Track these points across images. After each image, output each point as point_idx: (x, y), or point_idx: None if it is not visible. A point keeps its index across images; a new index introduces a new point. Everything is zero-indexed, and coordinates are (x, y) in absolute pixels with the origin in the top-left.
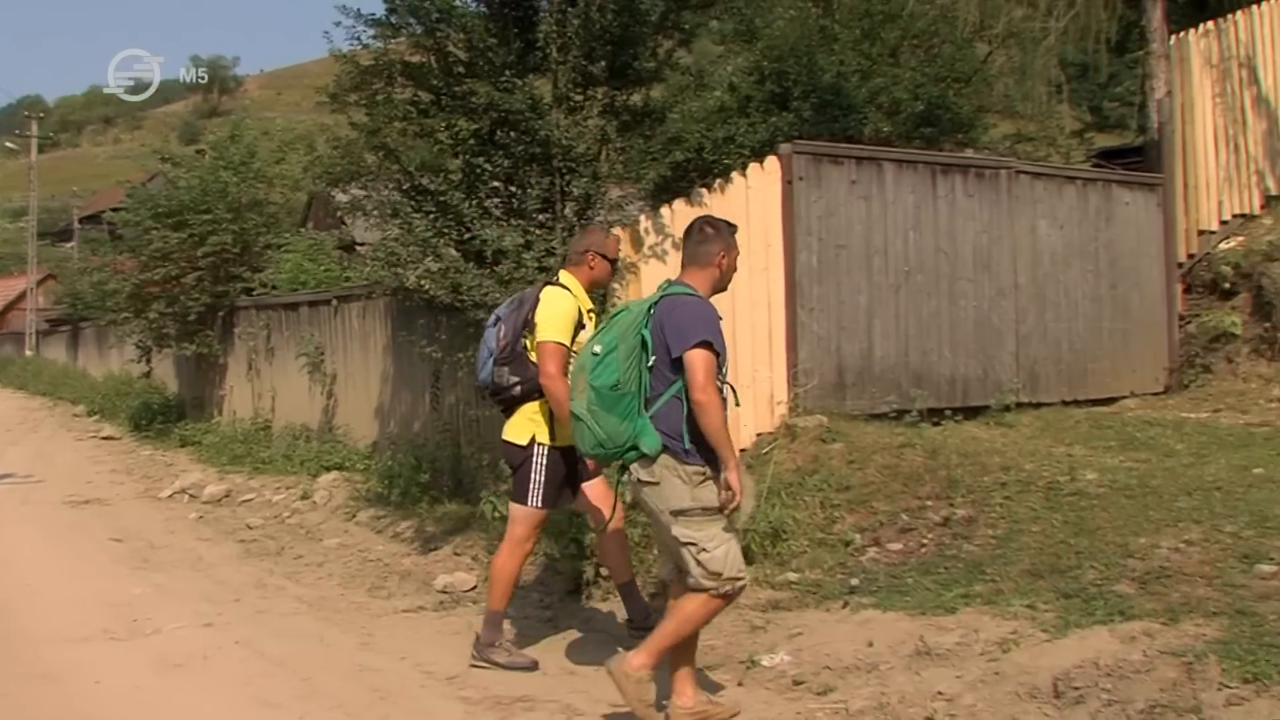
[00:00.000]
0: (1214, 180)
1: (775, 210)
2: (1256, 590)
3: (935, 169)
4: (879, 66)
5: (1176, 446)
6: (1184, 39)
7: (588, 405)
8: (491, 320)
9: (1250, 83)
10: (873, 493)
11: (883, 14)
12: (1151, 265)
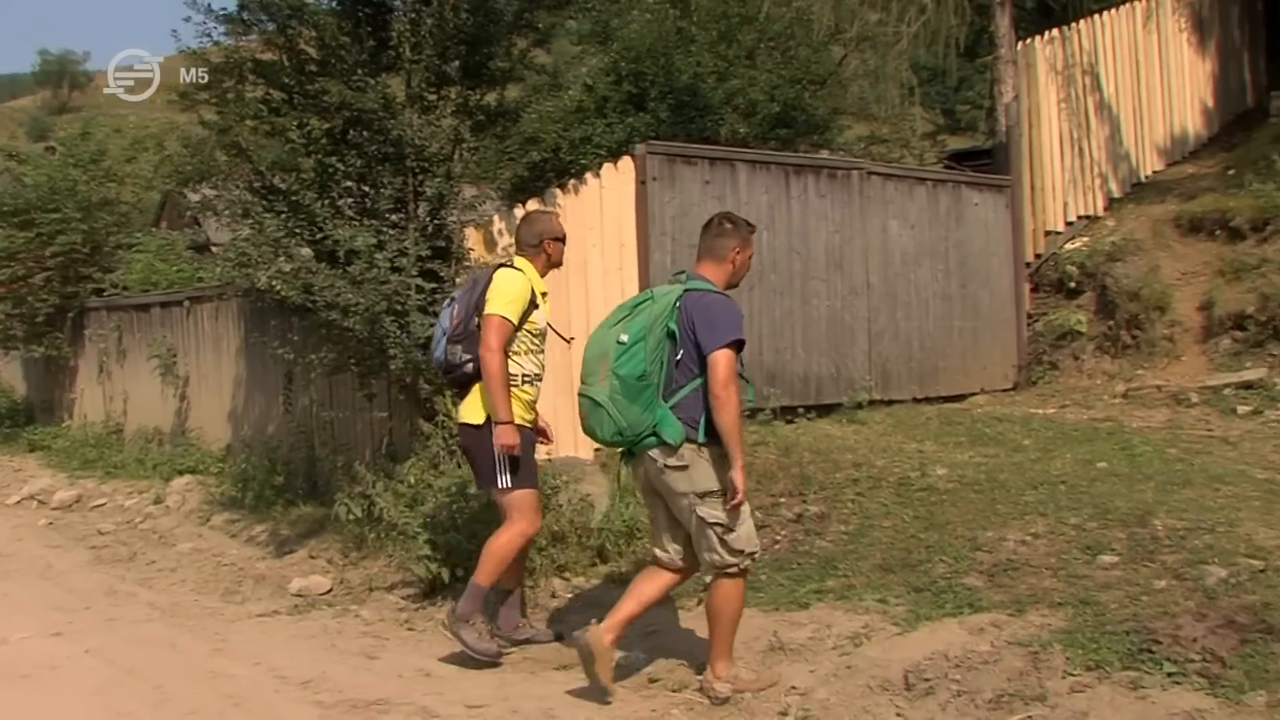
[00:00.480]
0: (1060, 182)
1: (629, 210)
2: (1099, 580)
3: (788, 170)
4: (736, 68)
5: (1024, 442)
6: (1030, 45)
7: (610, 394)
8: (447, 301)
9: (1093, 89)
10: None
11: (740, 16)
12: (1000, 265)
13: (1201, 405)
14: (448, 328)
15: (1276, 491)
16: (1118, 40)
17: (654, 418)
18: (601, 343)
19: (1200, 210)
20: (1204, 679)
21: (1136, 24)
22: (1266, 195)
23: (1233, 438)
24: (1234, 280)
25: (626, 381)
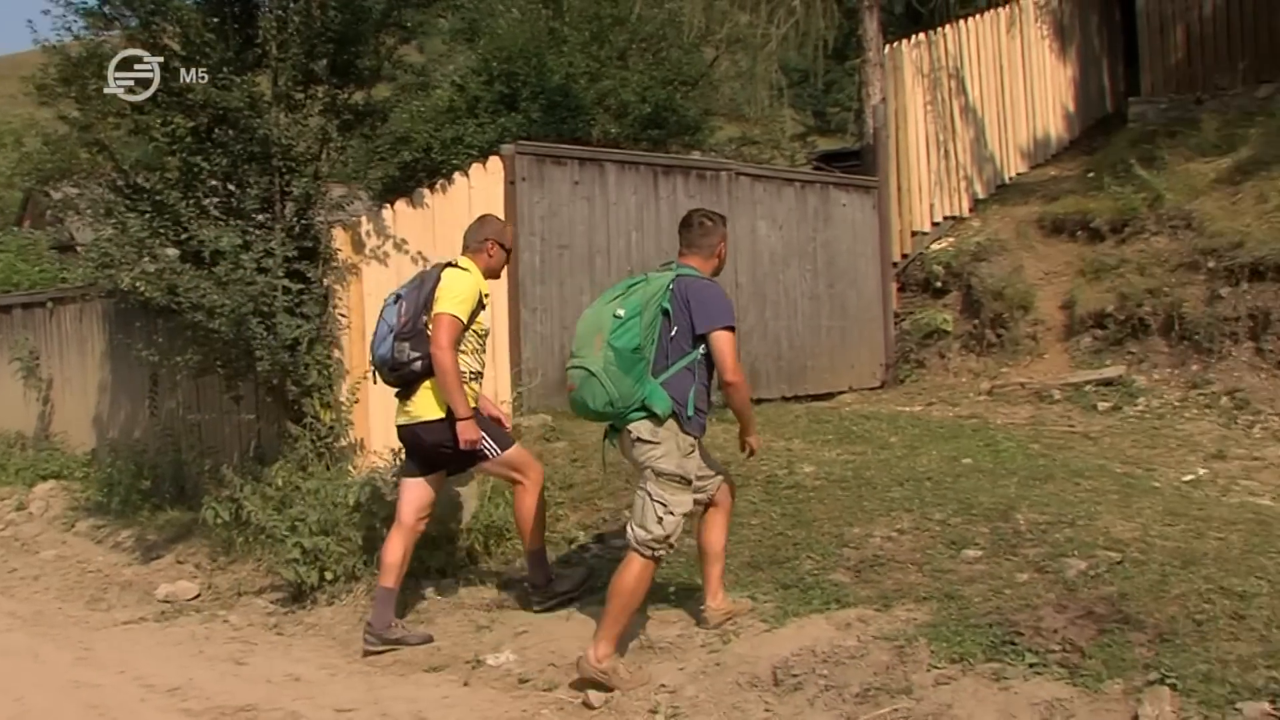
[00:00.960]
0: (926, 184)
1: (498, 211)
2: (963, 574)
3: (657, 170)
4: (608, 69)
5: (891, 439)
6: (898, 49)
7: (604, 365)
8: (391, 298)
9: (959, 92)
10: (596, 490)
11: (611, 17)
12: (868, 265)
13: (1064, 402)
14: (394, 325)
15: (1134, 485)
16: (982, 45)
17: (644, 391)
18: (596, 318)
19: (1062, 212)
20: (1064, 669)
21: (1000, 30)
22: (1125, 197)
23: (1093, 433)
24: (1094, 280)
25: (621, 353)
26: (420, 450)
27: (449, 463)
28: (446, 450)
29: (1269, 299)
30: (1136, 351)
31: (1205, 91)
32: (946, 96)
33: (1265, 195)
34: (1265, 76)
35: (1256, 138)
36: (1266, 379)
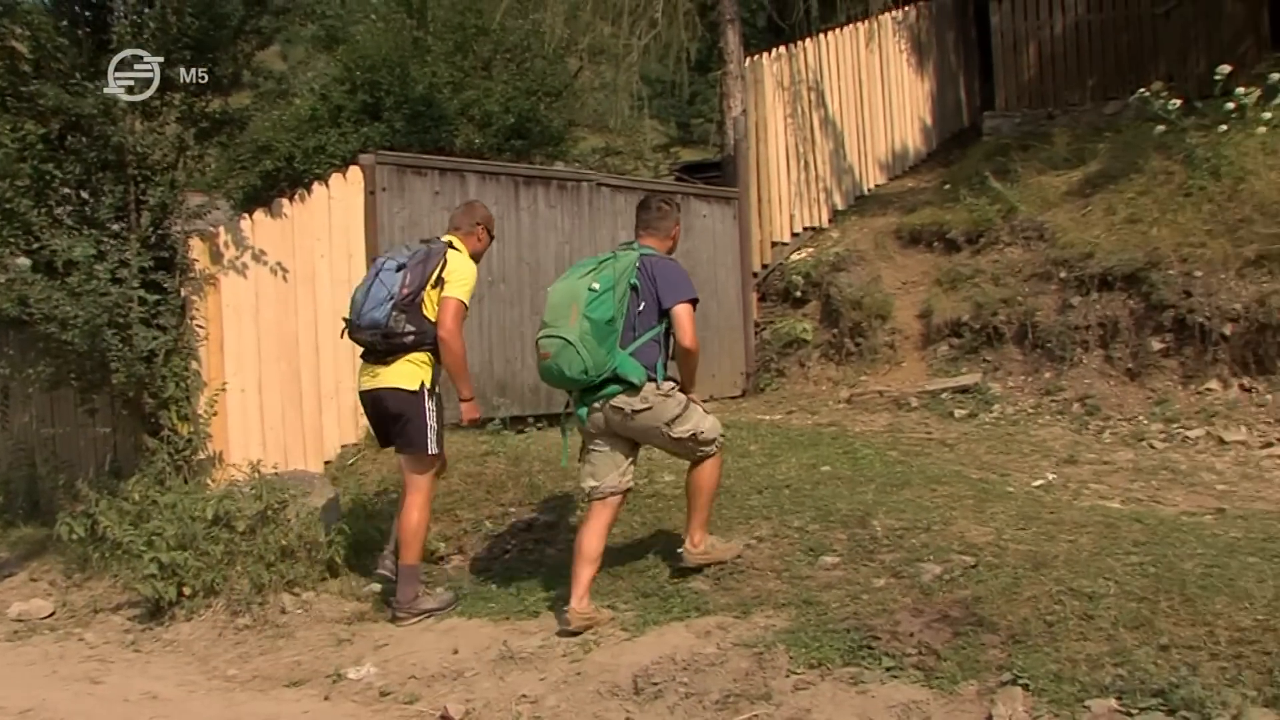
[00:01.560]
0: (786, 195)
1: (358, 221)
2: (820, 581)
3: (518, 180)
4: (471, 79)
5: (751, 447)
6: (758, 62)
7: (580, 334)
8: (393, 265)
9: (819, 105)
10: (457, 501)
11: (476, 28)
12: (729, 275)
13: (921, 409)
14: (395, 294)
15: (989, 491)
16: (842, 59)
17: (615, 361)
18: (571, 291)
19: (919, 223)
20: (920, 671)
21: (860, 44)
22: (979, 209)
23: (950, 440)
24: (950, 289)
25: (597, 324)
26: (379, 416)
27: (398, 438)
28: (402, 421)
29: (1117, 308)
30: (991, 359)
31: (1056, 107)
32: (807, 109)
33: (1114, 208)
34: (1113, 93)
35: (1105, 152)
36: (1116, 385)
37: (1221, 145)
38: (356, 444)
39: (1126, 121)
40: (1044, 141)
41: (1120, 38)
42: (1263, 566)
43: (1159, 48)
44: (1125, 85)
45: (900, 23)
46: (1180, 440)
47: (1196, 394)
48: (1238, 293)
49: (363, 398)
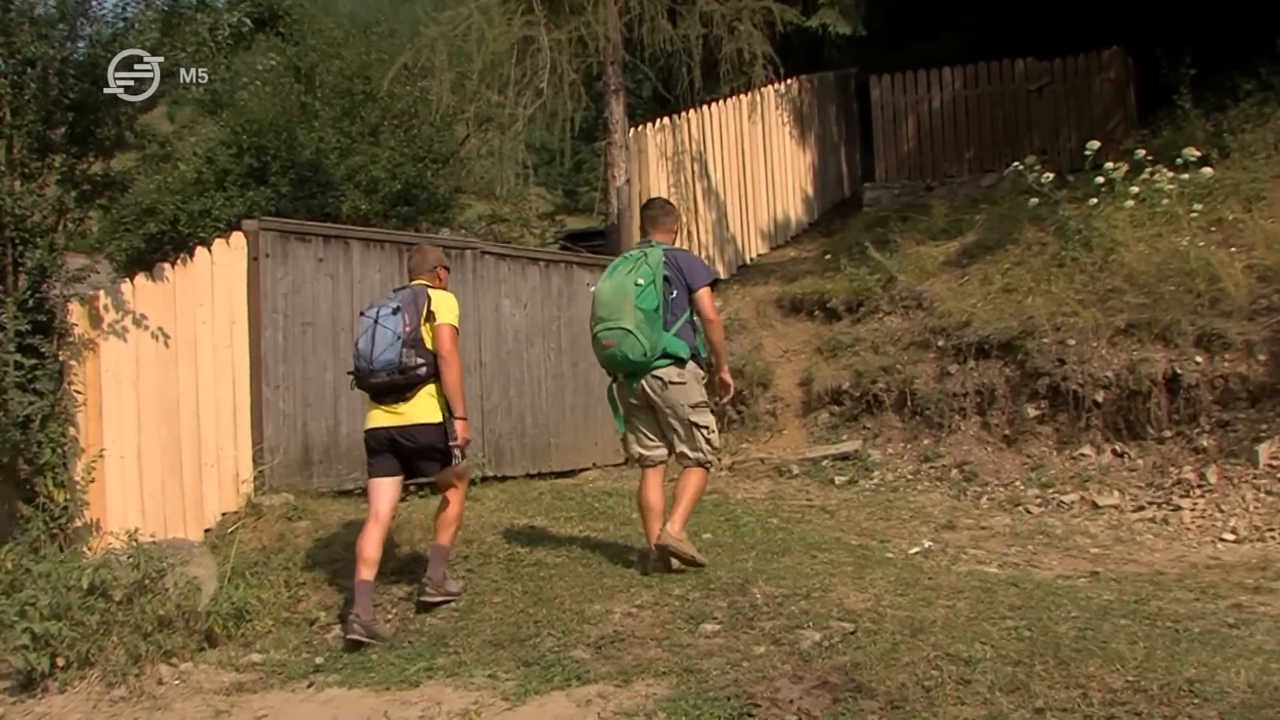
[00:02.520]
0: None
1: (241, 287)
2: (701, 648)
3: (402, 248)
4: (359, 145)
5: (633, 515)
6: (642, 132)
7: (636, 324)
8: (389, 310)
9: (702, 175)
10: (338, 570)
11: (364, 94)
12: None
13: (802, 476)
14: (402, 333)
15: (868, 557)
16: (725, 130)
17: (664, 341)
18: (620, 287)
19: (801, 292)
20: None
21: (743, 116)
22: (859, 278)
23: (830, 506)
24: (831, 358)
25: (647, 313)
26: (408, 451)
27: (428, 465)
28: (436, 452)
29: (994, 375)
30: (871, 427)
31: (935, 179)
32: (690, 179)
33: (990, 278)
34: (989, 166)
35: (981, 223)
36: (993, 452)
37: (1092, 218)
38: (237, 512)
39: (1002, 194)
40: (923, 212)
41: (996, 113)
42: (1134, 628)
43: (1033, 123)
44: (1001, 159)
45: (783, 95)
46: (1055, 505)
47: (1071, 459)
48: (1109, 360)
49: (377, 435)
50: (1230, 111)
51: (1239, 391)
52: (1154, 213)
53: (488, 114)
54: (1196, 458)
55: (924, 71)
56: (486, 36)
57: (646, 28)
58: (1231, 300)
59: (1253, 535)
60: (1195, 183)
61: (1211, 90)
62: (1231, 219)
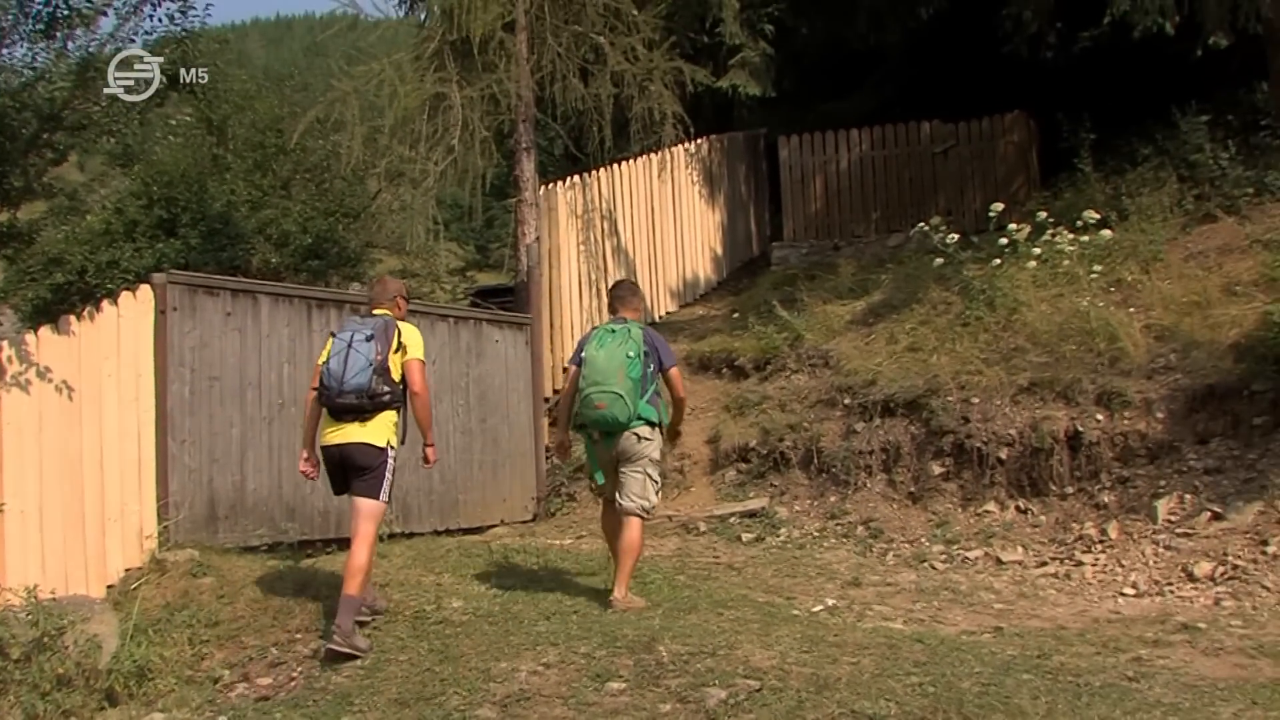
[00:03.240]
0: (578, 321)
1: (147, 340)
2: (607, 706)
3: (311, 303)
4: (270, 198)
5: (540, 573)
6: (552, 190)
7: (625, 390)
8: (362, 337)
9: (611, 233)
10: (243, 627)
11: (276, 147)
12: (520, 400)
13: (709, 534)
14: (373, 360)
15: (774, 614)
16: (635, 189)
17: (640, 407)
18: (614, 357)
19: (709, 350)
20: None
21: (653, 174)
22: (767, 337)
23: (737, 564)
24: (739, 415)
25: (635, 382)
26: (347, 468)
27: (359, 484)
28: (368, 472)
29: (899, 433)
30: (778, 484)
31: (842, 238)
32: (599, 237)
33: (895, 336)
34: (895, 226)
35: (888, 283)
36: (898, 509)
37: (996, 278)
38: (140, 568)
39: (908, 254)
40: (830, 272)
41: (903, 174)
42: (1037, 683)
43: (938, 184)
44: (907, 219)
45: (693, 155)
46: (960, 561)
47: (975, 516)
48: (1012, 418)
49: (329, 451)
50: (1128, 175)
51: (1138, 449)
52: (1055, 273)
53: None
54: (1098, 514)
55: (832, 132)
56: (399, 92)
57: (558, 86)
58: (1130, 359)
59: (1152, 589)
60: (1095, 244)
61: (1111, 154)
62: (1130, 280)
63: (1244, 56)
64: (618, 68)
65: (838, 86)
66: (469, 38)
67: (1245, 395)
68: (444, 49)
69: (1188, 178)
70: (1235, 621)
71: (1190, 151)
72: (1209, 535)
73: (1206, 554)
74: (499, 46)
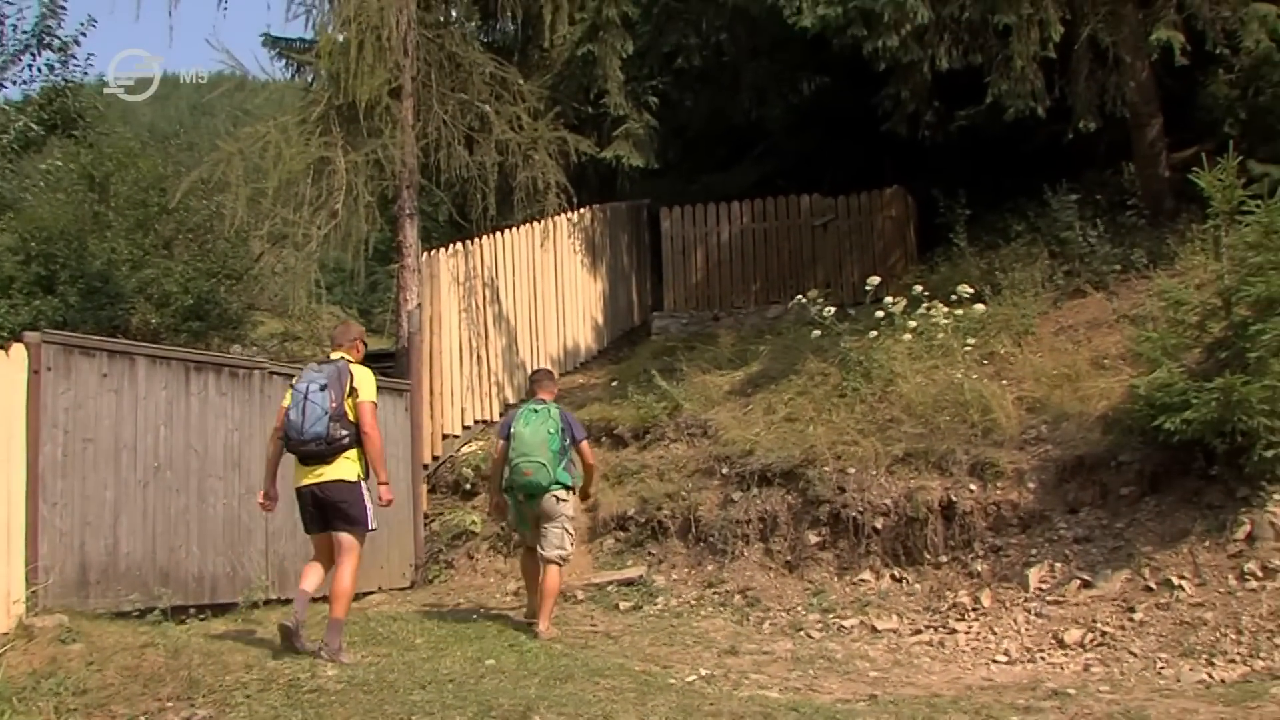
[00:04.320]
0: (458, 388)
1: (20, 400)
2: None
3: (189, 366)
4: (152, 257)
5: (417, 641)
6: (435, 256)
7: (547, 460)
8: (317, 386)
9: (493, 301)
10: (112, 695)
11: (159, 206)
12: (399, 466)
13: (587, 602)
14: (328, 409)
15: (650, 683)
16: (518, 257)
17: (558, 474)
18: (538, 433)
19: (588, 418)
20: None
21: (535, 243)
22: (646, 406)
23: (614, 632)
24: (618, 484)
25: (555, 453)
26: (323, 505)
27: (337, 519)
28: (342, 507)
29: (776, 503)
30: (656, 552)
31: (722, 309)
32: (481, 304)
33: (773, 407)
34: (775, 298)
35: (766, 353)
36: (775, 578)
37: (873, 350)
38: (6, 634)
39: (787, 325)
40: (710, 342)
41: (783, 246)
42: None
43: (818, 257)
44: (786, 291)
45: (576, 224)
46: (836, 629)
47: (851, 584)
48: (887, 488)
49: (303, 492)
50: (1002, 251)
51: (1010, 518)
52: (931, 346)
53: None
54: (971, 582)
55: (714, 204)
56: (284, 155)
57: (443, 153)
58: (1003, 430)
59: (1024, 656)
60: (969, 318)
61: (986, 230)
62: (1003, 353)
63: (1111, 139)
64: (503, 136)
65: (721, 159)
66: (355, 103)
67: (1113, 466)
68: (330, 113)
69: (1058, 254)
70: (1104, 687)
71: (1061, 229)
72: (1078, 603)
73: (1076, 621)
74: (385, 112)
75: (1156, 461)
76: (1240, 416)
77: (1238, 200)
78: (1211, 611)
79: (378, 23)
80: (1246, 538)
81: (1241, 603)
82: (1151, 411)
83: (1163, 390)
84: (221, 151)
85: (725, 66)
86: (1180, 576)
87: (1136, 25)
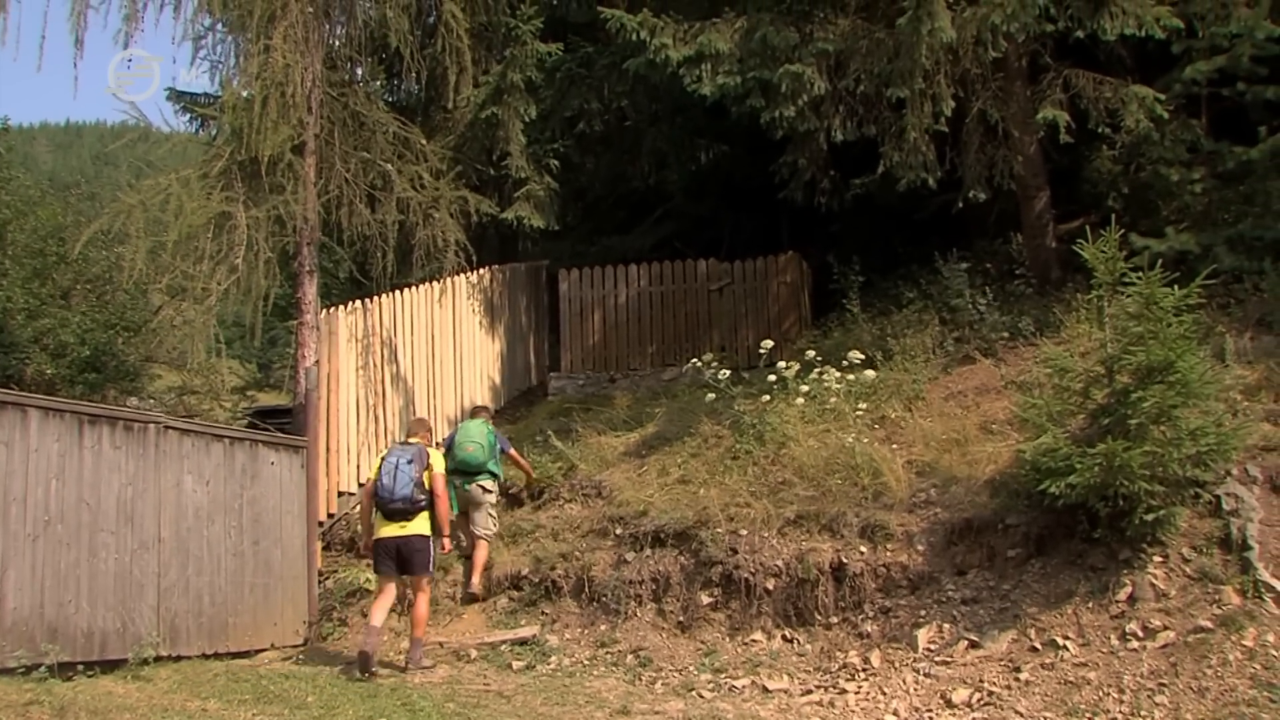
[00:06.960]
0: (355, 445)
1: None
2: None
3: (83, 419)
4: (48, 307)
5: (309, 699)
6: (333, 313)
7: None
8: (406, 459)
9: (391, 360)
10: None
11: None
12: (294, 523)
13: (480, 661)
14: (415, 478)
15: None
16: (416, 316)
17: (490, 464)
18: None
19: None
20: None
21: (434, 302)
22: (541, 466)
23: (507, 692)
24: (512, 544)
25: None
26: (405, 553)
27: (416, 565)
28: (420, 554)
29: (669, 564)
30: (550, 612)
31: (619, 371)
32: (379, 363)
33: (667, 468)
34: (671, 361)
35: (661, 415)
36: (667, 638)
37: (766, 413)
38: None
39: (682, 388)
40: (605, 403)
41: (679, 310)
42: None
43: (714, 321)
44: (682, 353)
45: (475, 284)
46: (728, 689)
47: (743, 645)
48: (779, 550)
49: (387, 543)
50: (894, 317)
51: (900, 580)
52: (823, 410)
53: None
54: (861, 643)
55: (612, 267)
56: (185, 208)
57: (345, 210)
58: (893, 494)
59: (912, 716)
60: (861, 382)
61: (879, 296)
62: (894, 417)
63: (1002, 209)
64: (404, 195)
65: (620, 222)
66: (258, 158)
67: (1000, 528)
68: (233, 167)
69: (949, 321)
70: None
71: (951, 296)
72: (966, 663)
73: (964, 681)
74: (288, 168)
75: (1042, 524)
76: (1122, 481)
77: (1120, 272)
78: (1095, 671)
79: (282, 79)
80: (1128, 599)
81: (1124, 662)
82: (1037, 476)
83: (1048, 455)
84: (122, 203)
85: (626, 131)
86: (1065, 637)
87: (1025, 102)
